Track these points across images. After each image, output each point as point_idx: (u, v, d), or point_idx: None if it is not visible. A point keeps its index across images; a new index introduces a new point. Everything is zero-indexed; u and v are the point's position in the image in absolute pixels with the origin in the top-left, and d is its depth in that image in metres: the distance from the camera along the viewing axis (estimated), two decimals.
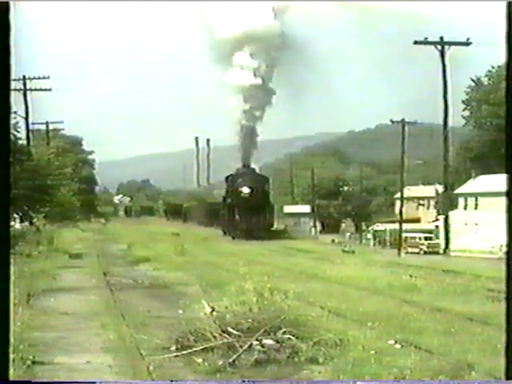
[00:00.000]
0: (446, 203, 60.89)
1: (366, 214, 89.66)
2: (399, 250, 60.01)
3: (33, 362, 12.28)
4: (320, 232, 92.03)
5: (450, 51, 55.20)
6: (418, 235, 63.69)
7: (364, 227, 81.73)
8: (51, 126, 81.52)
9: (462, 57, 57.51)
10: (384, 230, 72.44)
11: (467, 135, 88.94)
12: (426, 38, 54.82)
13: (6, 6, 4.78)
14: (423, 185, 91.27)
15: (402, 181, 67.96)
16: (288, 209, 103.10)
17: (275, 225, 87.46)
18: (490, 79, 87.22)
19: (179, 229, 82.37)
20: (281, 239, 74.65)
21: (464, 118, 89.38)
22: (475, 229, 57.36)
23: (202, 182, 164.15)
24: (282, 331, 14.24)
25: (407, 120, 64.24)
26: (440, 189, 66.35)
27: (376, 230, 74.57)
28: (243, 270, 23.66)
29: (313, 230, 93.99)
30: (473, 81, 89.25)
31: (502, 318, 6.53)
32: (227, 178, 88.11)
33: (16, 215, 45.02)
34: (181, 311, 18.83)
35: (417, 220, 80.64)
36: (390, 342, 14.71)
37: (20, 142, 51.64)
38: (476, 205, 72.52)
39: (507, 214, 5.97)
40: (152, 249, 45.04)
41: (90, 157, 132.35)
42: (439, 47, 54.92)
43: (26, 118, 64.89)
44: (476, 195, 73.18)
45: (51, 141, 79.49)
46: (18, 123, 49.50)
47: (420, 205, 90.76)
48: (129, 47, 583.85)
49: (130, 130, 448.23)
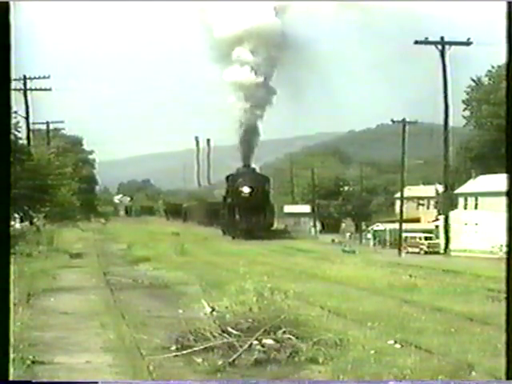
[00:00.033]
0: (446, 203, 60.87)
1: (366, 213, 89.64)
2: (399, 250, 60.04)
3: (33, 362, 12.27)
4: (320, 232, 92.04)
5: (450, 51, 55.19)
6: (418, 235, 63.73)
7: (364, 227, 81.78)
8: (51, 126, 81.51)
9: (462, 57, 57.54)
10: (384, 230, 72.49)
11: (467, 135, 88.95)
12: (427, 38, 54.81)
13: (6, 6, 4.78)
14: (423, 185, 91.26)
15: (403, 180, 67.98)
16: (288, 208, 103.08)
17: (275, 224, 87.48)
18: (490, 79, 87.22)
19: (179, 228, 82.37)
20: (281, 239, 74.65)
21: (464, 117, 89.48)
22: (475, 229, 57.41)
23: (203, 181, 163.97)
24: (281, 331, 14.23)
25: (408, 120, 64.27)
26: (440, 189, 66.33)
27: (376, 230, 74.61)
28: (243, 270, 23.70)
29: (313, 229, 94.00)
30: (473, 81, 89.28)
31: (502, 317, 6.53)
32: (227, 178, 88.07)
33: (16, 215, 44.98)
34: (181, 311, 18.81)
35: (417, 220, 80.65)
36: (390, 342, 14.69)
37: (20, 141, 51.55)
38: (476, 205, 72.51)
39: (507, 214, 5.97)
40: (152, 248, 45.08)
41: (91, 156, 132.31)
42: (440, 47, 54.90)
43: (27, 118, 64.87)
44: (476, 195, 73.17)
45: (51, 140, 79.38)
46: (18, 123, 49.38)
47: (420, 205, 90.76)
48: (129, 47, 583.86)
49: (130, 130, 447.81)
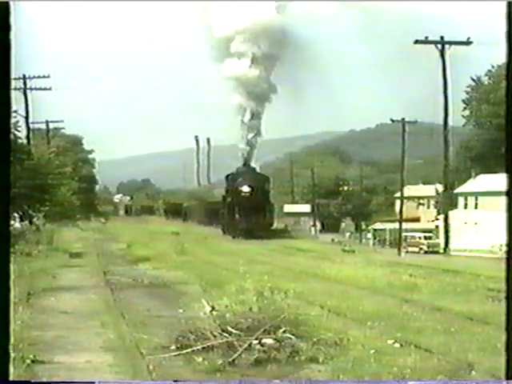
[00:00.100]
0: (446, 203, 60.90)
1: (365, 213, 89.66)
2: (399, 250, 60.05)
3: (32, 361, 12.27)
4: (320, 231, 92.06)
5: (450, 50, 55.27)
6: (417, 234, 63.75)
7: (364, 226, 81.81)
8: (51, 125, 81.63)
9: (462, 56, 57.58)
10: (384, 230, 72.51)
11: (467, 134, 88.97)
12: (427, 38, 54.84)
13: (6, 6, 4.78)
14: (423, 184, 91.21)
15: (402, 180, 67.99)
16: (288, 208, 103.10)
17: (275, 224, 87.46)
18: (490, 78, 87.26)
19: (179, 228, 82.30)
20: (281, 238, 74.62)
21: (464, 117, 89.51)
22: (475, 228, 57.40)
23: (203, 181, 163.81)
24: (281, 330, 14.22)
25: (407, 119, 64.29)
26: (440, 188, 66.32)
27: (376, 230, 74.64)
28: (243, 270, 23.70)
29: (313, 229, 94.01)
30: (473, 80, 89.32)
31: (501, 317, 6.52)
32: (227, 177, 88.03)
33: (16, 214, 44.98)
34: (181, 310, 18.82)
35: (417, 219, 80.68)
36: (390, 342, 14.68)
37: (20, 141, 51.59)
38: (476, 204, 72.52)
39: (507, 214, 5.96)
40: (152, 248, 45.05)
41: (90, 156, 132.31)
42: (439, 46, 54.94)
43: (27, 117, 64.93)
44: (476, 194, 73.18)
45: (51, 140, 79.41)
46: (18, 122, 49.49)
47: (420, 204, 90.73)
48: (129, 47, 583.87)
49: (130, 129, 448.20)
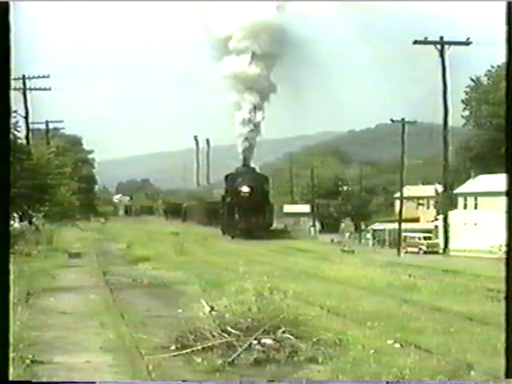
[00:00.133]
0: (446, 203, 60.91)
1: (365, 213, 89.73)
2: (398, 250, 60.05)
3: (32, 361, 12.27)
4: (319, 231, 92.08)
5: (449, 51, 55.29)
6: (417, 235, 63.73)
7: (363, 227, 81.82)
8: (51, 126, 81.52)
9: (461, 56, 57.60)
10: (383, 230, 72.53)
11: (467, 135, 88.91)
12: (426, 38, 54.85)
13: (6, 6, 4.78)
14: (423, 184, 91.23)
15: (402, 180, 67.99)
16: (287, 208, 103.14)
17: (274, 224, 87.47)
18: (489, 79, 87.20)
19: (179, 228, 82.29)
20: (280, 239, 74.61)
21: (464, 117, 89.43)
22: (474, 228, 57.38)
23: (202, 181, 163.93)
24: (281, 330, 14.22)
25: (407, 119, 64.30)
26: (439, 188, 66.35)
27: (375, 230, 74.66)
28: (242, 270, 23.61)
29: (312, 229, 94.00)
30: (472, 80, 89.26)
31: (501, 317, 6.53)
32: (227, 178, 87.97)
33: (15, 214, 44.97)
34: (180, 310, 18.81)
35: (416, 220, 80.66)
36: (390, 342, 14.69)
37: (20, 141, 51.53)
38: (475, 204, 72.51)
39: (507, 214, 5.97)
40: (151, 248, 45.02)
41: (90, 156, 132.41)
42: (439, 47, 54.96)
43: (26, 118, 64.88)
44: (475, 195, 73.16)
45: (51, 140, 79.32)
46: (17, 122, 49.44)
47: (419, 204, 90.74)
48: (129, 47, 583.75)
49: (129, 130, 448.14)
